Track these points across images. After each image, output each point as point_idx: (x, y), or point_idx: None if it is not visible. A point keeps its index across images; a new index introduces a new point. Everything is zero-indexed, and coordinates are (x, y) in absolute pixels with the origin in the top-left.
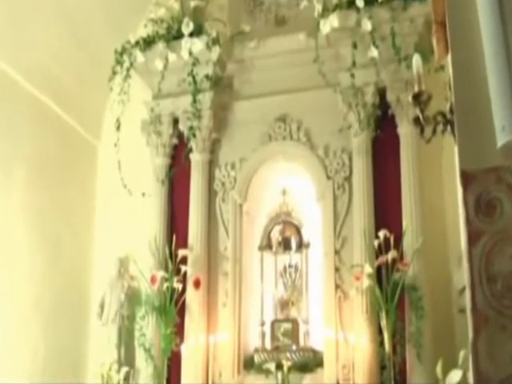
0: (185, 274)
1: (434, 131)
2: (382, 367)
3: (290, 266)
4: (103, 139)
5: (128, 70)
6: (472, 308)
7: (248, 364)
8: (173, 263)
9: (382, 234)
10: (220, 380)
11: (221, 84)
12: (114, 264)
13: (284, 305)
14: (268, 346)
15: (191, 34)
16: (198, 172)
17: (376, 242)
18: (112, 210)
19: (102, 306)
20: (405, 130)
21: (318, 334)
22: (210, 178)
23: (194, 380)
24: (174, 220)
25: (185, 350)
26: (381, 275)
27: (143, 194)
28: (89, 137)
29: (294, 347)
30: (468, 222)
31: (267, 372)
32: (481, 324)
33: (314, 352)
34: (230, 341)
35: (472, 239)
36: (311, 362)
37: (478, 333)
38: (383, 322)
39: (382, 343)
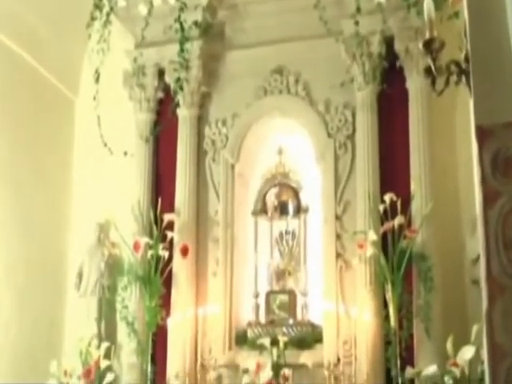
0: (171, 240)
1: (447, 82)
2: (387, 343)
3: (286, 233)
4: (81, 93)
5: (108, 15)
6: (487, 276)
7: (240, 339)
8: (158, 229)
9: (387, 197)
10: (210, 356)
11: (211, 32)
12: (93, 230)
13: (280, 275)
14: (262, 319)
15: None
16: (186, 129)
17: (381, 207)
18: (91, 170)
19: (80, 276)
20: (414, 83)
21: (317, 307)
22: (199, 136)
23: (181, 356)
24: (159, 182)
25: (171, 323)
26: (386, 243)
27: (125, 153)
28: (65, 90)
29: (291, 321)
30: (484, 181)
31: (261, 348)
32: (496, 293)
33: (313, 326)
34: (220, 314)
35: (488, 200)
36: (309, 338)
37: (492, 303)
38: (388, 295)
39: (386, 317)
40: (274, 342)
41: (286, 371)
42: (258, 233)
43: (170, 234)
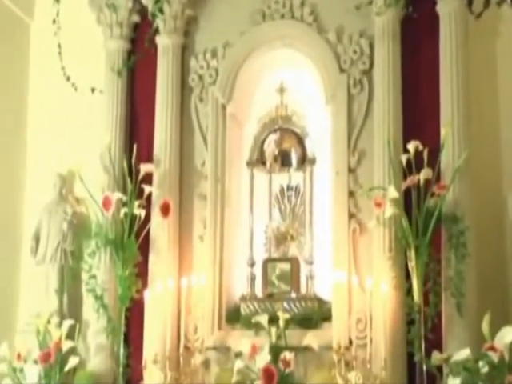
0: (149, 196)
1: (487, 3)
2: (409, 322)
3: (288, 189)
4: (37, 15)
5: None
6: None
7: (232, 317)
8: (133, 182)
9: (412, 146)
10: (195, 337)
11: None
12: (53, 183)
13: (280, 239)
14: (259, 293)
15: None
16: (167, 61)
17: (404, 158)
18: (50, 110)
19: (36, 239)
20: (446, 5)
21: (324, 278)
22: (183, 70)
23: (160, 336)
24: (134, 125)
25: (149, 297)
26: (410, 201)
27: (93, 90)
28: (18, 11)
29: (294, 295)
30: None
31: (257, 327)
32: None
33: (320, 301)
34: (208, 286)
35: None
36: (315, 315)
37: None
38: (412, 264)
39: (409, 291)
40: (273, 320)
41: (287, 355)
42: (253, 188)
43: (147, 189)
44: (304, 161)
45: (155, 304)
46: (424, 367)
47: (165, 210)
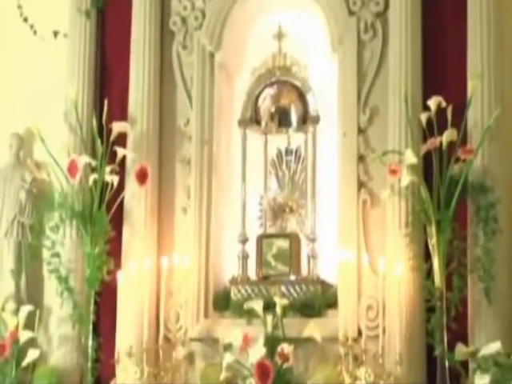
0: (123, 161)
1: None
2: (429, 310)
3: (287, 152)
4: None
5: None
6: None
7: (221, 302)
8: (104, 144)
9: (433, 102)
10: (177, 326)
11: None
12: (8, 144)
13: (278, 212)
14: (252, 275)
15: None
16: (144, 0)
17: (424, 116)
18: (5, 57)
19: None
20: None
21: (329, 258)
22: (164, 12)
23: (135, 326)
24: (105, 76)
25: (122, 279)
26: (430, 168)
27: (55, 34)
28: None
29: (293, 277)
30: None
31: (250, 315)
32: None
33: (324, 285)
34: (192, 267)
35: None
36: (319, 301)
37: None
38: (432, 241)
39: (429, 273)
40: (269, 307)
41: (286, 348)
42: (246, 152)
43: (120, 152)
44: (305, 120)
45: (130, 287)
46: (446, 363)
47: (141, 176)
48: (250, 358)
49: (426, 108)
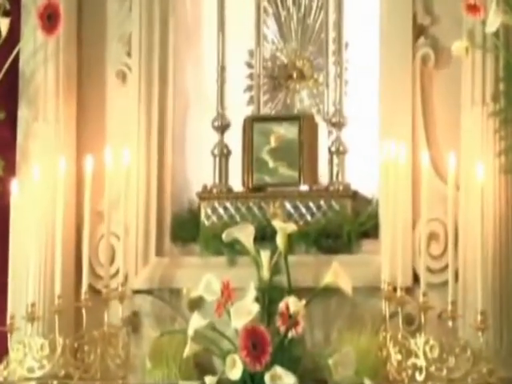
0: None
1: None
2: None
3: None
4: None
5: None
6: None
7: (184, 230)
8: None
9: None
10: (111, 270)
11: None
12: None
13: (280, 79)
14: (236, 184)
15: None
16: None
17: None
18: None
19: None
20: None
21: (366, 156)
22: None
23: (41, 268)
24: None
25: (18, 191)
26: None
27: None
28: None
29: (305, 187)
30: None
31: (234, 250)
32: None
33: (357, 200)
34: (137, 169)
35: None
36: (348, 226)
37: None
38: None
39: None
40: (265, 237)
41: (293, 303)
42: None
43: None
44: None
45: (30, 205)
46: None
47: (50, 18)
48: (234, 322)
49: None
